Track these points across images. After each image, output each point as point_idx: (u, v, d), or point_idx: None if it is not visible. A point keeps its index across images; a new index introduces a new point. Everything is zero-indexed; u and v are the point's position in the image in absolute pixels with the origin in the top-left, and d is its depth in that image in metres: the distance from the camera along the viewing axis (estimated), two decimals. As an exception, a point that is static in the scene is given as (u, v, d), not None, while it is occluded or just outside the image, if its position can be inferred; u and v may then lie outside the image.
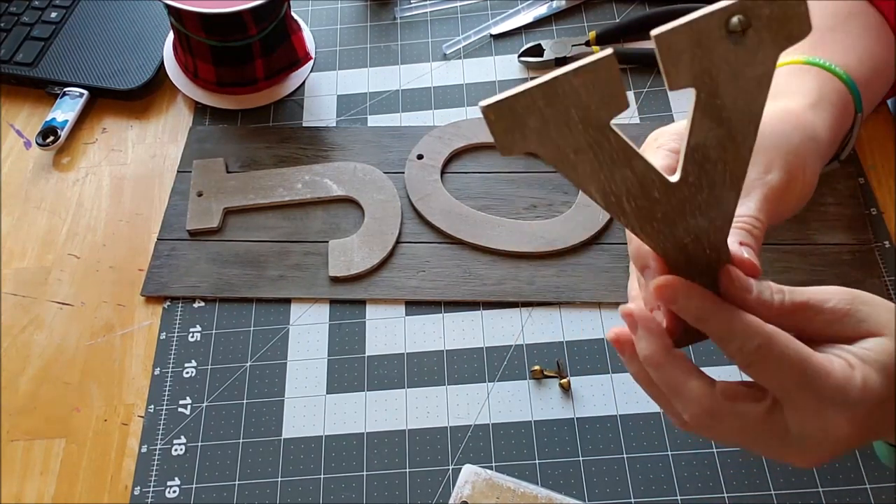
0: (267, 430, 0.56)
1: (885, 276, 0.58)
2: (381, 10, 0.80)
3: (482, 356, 0.58)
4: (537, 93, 0.31)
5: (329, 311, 0.61)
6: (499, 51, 0.75)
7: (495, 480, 0.51)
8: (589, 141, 0.33)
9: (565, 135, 0.32)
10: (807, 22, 0.32)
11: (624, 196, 0.34)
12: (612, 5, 0.77)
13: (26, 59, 0.76)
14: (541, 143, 0.32)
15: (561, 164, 0.33)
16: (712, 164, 0.35)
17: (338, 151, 0.70)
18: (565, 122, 0.32)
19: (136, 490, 0.54)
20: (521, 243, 0.62)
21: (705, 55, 0.32)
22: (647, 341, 0.38)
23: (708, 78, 0.33)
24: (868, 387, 0.35)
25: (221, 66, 0.72)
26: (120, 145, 0.73)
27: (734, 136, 0.34)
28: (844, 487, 0.51)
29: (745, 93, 0.33)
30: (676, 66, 0.32)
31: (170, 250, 0.65)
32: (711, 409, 0.37)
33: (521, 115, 0.31)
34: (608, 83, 0.32)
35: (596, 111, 0.32)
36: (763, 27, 0.32)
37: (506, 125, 0.31)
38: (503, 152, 0.32)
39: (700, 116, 0.34)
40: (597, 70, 0.31)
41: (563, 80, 0.31)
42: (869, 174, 0.63)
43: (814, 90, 0.49)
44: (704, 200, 0.35)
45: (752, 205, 0.41)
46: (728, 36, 0.32)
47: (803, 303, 0.37)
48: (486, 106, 0.31)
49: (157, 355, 0.60)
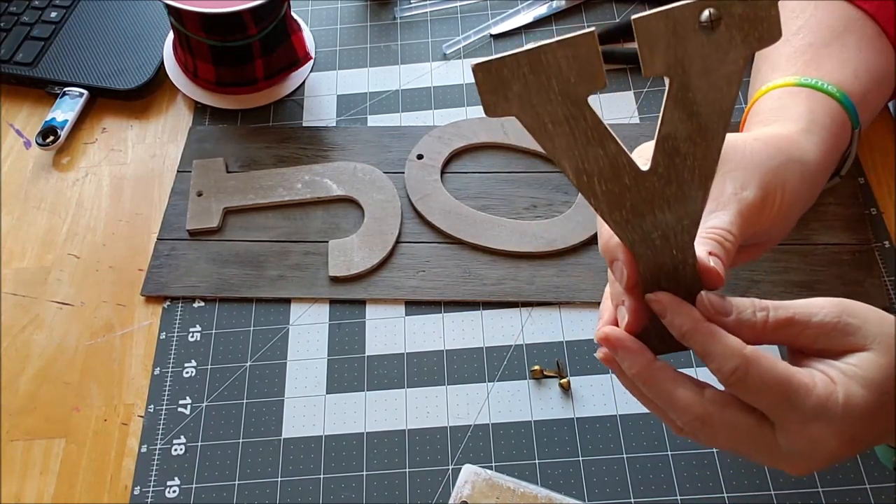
0: (267, 429, 0.56)
1: (885, 276, 0.58)
2: (381, 10, 0.80)
3: (482, 356, 0.58)
4: (523, 59, 0.33)
5: (329, 310, 0.61)
6: (499, 51, 0.75)
7: (495, 480, 0.51)
8: (566, 114, 0.34)
9: (545, 103, 0.34)
10: (777, 26, 0.33)
11: (595, 176, 0.35)
12: (612, 5, 0.77)
13: (26, 59, 0.76)
14: (522, 108, 0.34)
15: (539, 132, 0.34)
16: (682, 158, 0.36)
17: (338, 151, 0.70)
18: (546, 90, 0.34)
19: (136, 490, 0.54)
20: (521, 243, 0.62)
21: (679, 45, 0.33)
22: (629, 361, 0.39)
23: (681, 69, 0.34)
24: (851, 402, 0.36)
25: (221, 66, 0.72)
26: (120, 145, 0.73)
27: (704, 131, 0.35)
28: (844, 487, 0.51)
29: (715, 89, 0.34)
30: (652, 52, 0.34)
31: (169, 250, 0.65)
32: (702, 414, 0.38)
33: (507, 78, 0.33)
34: (587, 59, 0.33)
35: (574, 85, 0.34)
36: (734, 25, 0.33)
37: (491, 85, 0.33)
38: (487, 112, 0.34)
39: (672, 106, 0.35)
40: (577, 44, 0.33)
41: (546, 49, 0.33)
42: (869, 174, 0.63)
43: (804, 115, 0.50)
44: (673, 195, 0.36)
45: (727, 218, 0.42)
46: (701, 29, 0.33)
47: (789, 318, 0.38)
48: (476, 65, 0.33)
49: (156, 355, 0.60)
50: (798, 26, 0.56)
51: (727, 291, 0.59)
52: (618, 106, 0.70)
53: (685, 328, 0.38)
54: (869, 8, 0.55)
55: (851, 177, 0.63)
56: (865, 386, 0.36)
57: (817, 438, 0.36)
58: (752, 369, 0.36)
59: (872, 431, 0.38)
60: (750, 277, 0.59)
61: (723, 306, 0.38)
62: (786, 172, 0.45)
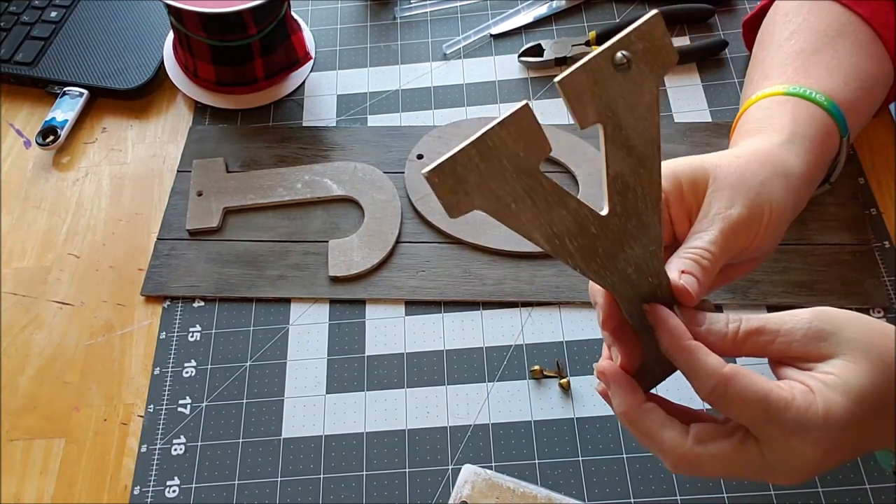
0: (267, 429, 0.56)
1: (885, 276, 0.58)
2: (381, 10, 0.80)
3: (482, 356, 0.58)
4: (472, 150, 0.35)
5: (329, 310, 0.61)
6: (499, 51, 0.75)
7: (495, 480, 0.51)
8: (524, 187, 0.36)
9: (502, 185, 0.36)
10: (673, 52, 0.37)
11: (566, 236, 0.38)
12: (612, 5, 0.77)
13: (26, 59, 0.76)
14: (483, 197, 0.35)
15: (504, 215, 0.36)
16: (632, 192, 0.38)
17: (338, 151, 0.70)
18: (500, 171, 0.35)
19: (136, 490, 0.54)
20: (521, 243, 0.62)
21: (603, 91, 0.36)
22: (620, 398, 0.40)
23: (610, 112, 0.37)
24: (831, 412, 0.36)
25: (221, 66, 0.72)
26: (120, 145, 0.73)
27: (643, 160, 0.38)
28: (844, 488, 0.51)
29: (641, 120, 0.37)
30: (583, 105, 0.36)
31: (169, 250, 0.65)
32: (687, 456, 0.39)
33: (461, 174, 0.35)
34: (529, 130, 0.35)
35: (525, 158, 0.36)
36: (641, 60, 0.37)
37: (449, 186, 0.35)
38: (451, 213, 0.35)
39: (612, 148, 0.38)
40: (517, 120, 0.35)
41: (491, 134, 0.35)
42: (869, 174, 0.63)
43: (788, 126, 0.50)
44: (634, 227, 0.39)
45: (707, 237, 0.43)
46: (617, 70, 0.36)
47: (759, 328, 0.39)
48: (428, 171, 0.34)
49: (156, 355, 0.60)
50: (790, 31, 0.56)
51: (728, 292, 0.59)
52: (618, 106, 0.70)
53: (666, 345, 0.39)
54: (863, 12, 0.55)
55: (851, 177, 0.63)
56: (844, 394, 0.37)
57: (800, 450, 0.37)
58: (730, 387, 0.37)
59: (858, 439, 0.38)
60: (750, 278, 0.59)
61: (694, 317, 0.40)
62: (771, 187, 0.45)
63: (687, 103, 0.69)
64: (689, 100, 0.69)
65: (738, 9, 0.75)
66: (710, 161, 0.46)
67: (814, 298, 0.57)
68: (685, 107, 0.69)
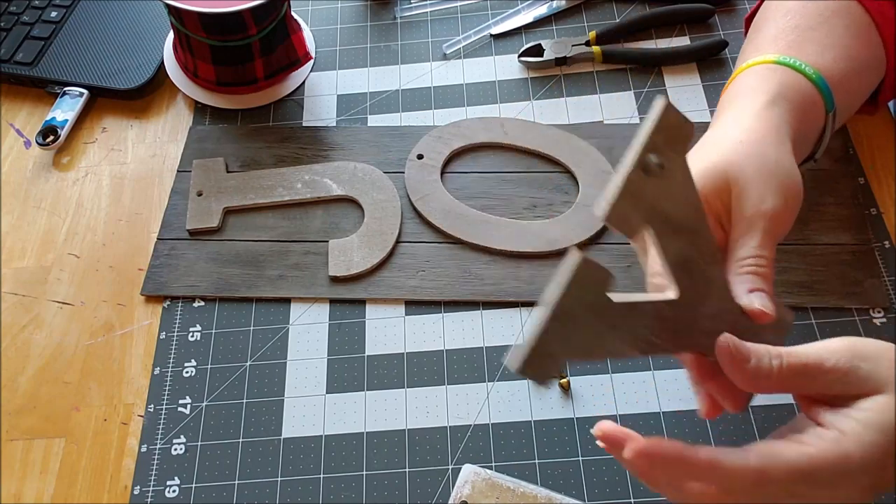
0: (267, 429, 0.56)
1: (885, 276, 0.58)
2: (381, 10, 0.80)
3: (482, 356, 0.58)
4: (553, 325, 0.34)
5: (329, 310, 0.61)
6: (499, 51, 0.75)
7: (495, 480, 0.51)
8: (606, 325, 0.36)
9: (587, 335, 0.35)
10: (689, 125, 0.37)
11: (650, 336, 0.38)
12: (612, 5, 0.77)
13: (26, 59, 0.76)
14: (570, 354, 0.35)
15: (594, 356, 0.36)
16: (692, 262, 0.39)
17: (338, 151, 0.70)
18: (581, 327, 0.35)
19: (136, 489, 0.54)
20: (521, 243, 0.62)
21: (643, 201, 0.36)
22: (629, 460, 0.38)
23: (654, 212, 0.37)
24: (867, 453, 0.36)
25: (221, 66, 0.72)
26: (120, 145, 0.73)
27: (694, 231, 0.38)
28: (844, 487, 0.51)
29: (680, 198, 0.38)
30: (630, 226, 0.36)
31: (169, 250, 0.65)
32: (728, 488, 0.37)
33: (547, 350, 0.34)
34: (595, 273, 0.35)
35: (597, 300, 0.35)
36: (666, 150, 0.37)
37: (540, 368, 0.34)
38: (542, 384, 0.36)
39: (664, 239, 0.38)
40: (580, 278, 0.35)
41: (565, 300, 0.34)
42: (869, 174, 0.63)
43: (773, 89, 0.50)
44: (705, 290, 0.39)
45: (754, 242, 0.42)
46: (650, 175, 0.36)
47: (801, 366, 0.38)
48: (519, 369, 0.34)
49: (156, 355, 0.60)
50: (787, 8, 0.56)
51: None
52: (618, 106, 0.70)
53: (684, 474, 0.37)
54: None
55: (851, 177, 0.63)
56: (882, 431, 0.36)
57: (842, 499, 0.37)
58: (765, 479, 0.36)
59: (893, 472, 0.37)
60: (750, 277, 0.59)
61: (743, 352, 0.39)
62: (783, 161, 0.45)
63: (687, 103, 0.69)
64: (689, 100, 0.69)
65: (738, 9, 0.75)
66: (723, 161, 0.46)
67: (814, 298, 0.57)
68: (685, 107, 0.69)
